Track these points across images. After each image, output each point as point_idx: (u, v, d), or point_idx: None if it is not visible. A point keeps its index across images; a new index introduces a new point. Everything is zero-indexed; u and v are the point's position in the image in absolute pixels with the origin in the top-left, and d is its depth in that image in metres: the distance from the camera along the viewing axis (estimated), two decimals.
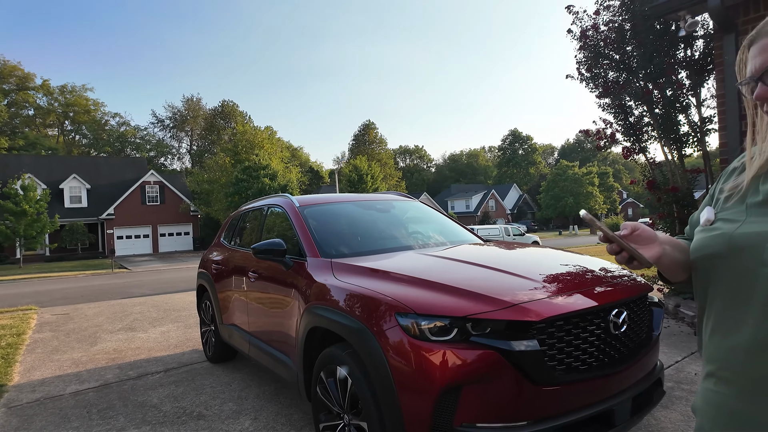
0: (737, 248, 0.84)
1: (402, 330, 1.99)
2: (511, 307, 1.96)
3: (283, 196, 3.73)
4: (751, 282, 0.82)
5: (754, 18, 4.46)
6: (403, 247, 3.12)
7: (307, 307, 2.63)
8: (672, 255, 0.99)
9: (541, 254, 2.97)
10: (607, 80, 6.02)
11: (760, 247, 0.81)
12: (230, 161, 32.99)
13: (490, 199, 58.87)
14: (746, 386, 0.81)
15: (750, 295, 0.82)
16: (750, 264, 0.82)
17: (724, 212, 0.93)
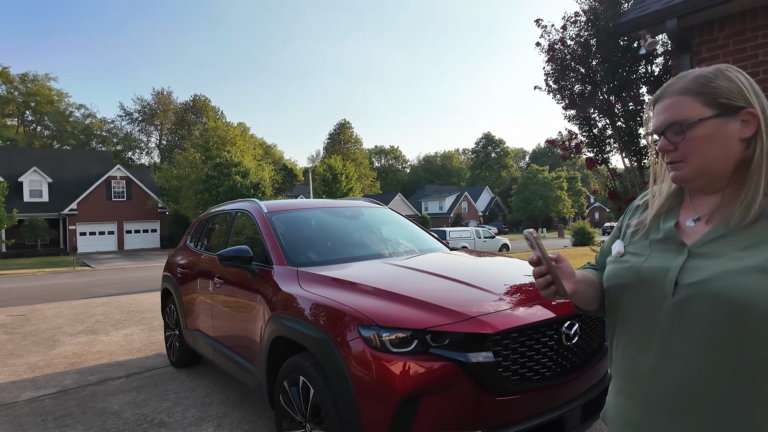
0: (643, 280, 0.96)
1: (364, 341, 2.03)
2: (469, 319, 2.04)
3: (252, 201, 3.72)
4: (654, 311, 0.94)
5: (708, 40, 4.71)
6: (370, 255, 3.16)
7: (272, 315, 2.64)
8: (585, 292, 1.08)
9: (504, 265, 3.07)
10: (573, 92, 6.23)
11: (661, 280, 0.93)
12: (201, 157, 32.32)
13: (463, 201, 59.65)
14: (648, 401, 0.93)
15: (654, 322, 0.93)
16: (654, 294, 0.94)
17: (631, 246, 1.04)
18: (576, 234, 29.43)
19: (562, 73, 6.18)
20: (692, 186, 0.99)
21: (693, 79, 0.95)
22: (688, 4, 4.46)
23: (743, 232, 0.89)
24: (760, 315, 0.81)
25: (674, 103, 0.94)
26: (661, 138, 0.96)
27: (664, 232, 0.99)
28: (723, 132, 0.91)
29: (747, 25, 4.45)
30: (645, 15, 4.80)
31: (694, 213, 0.99)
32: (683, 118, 0.92)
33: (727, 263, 0.86)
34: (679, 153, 0.94)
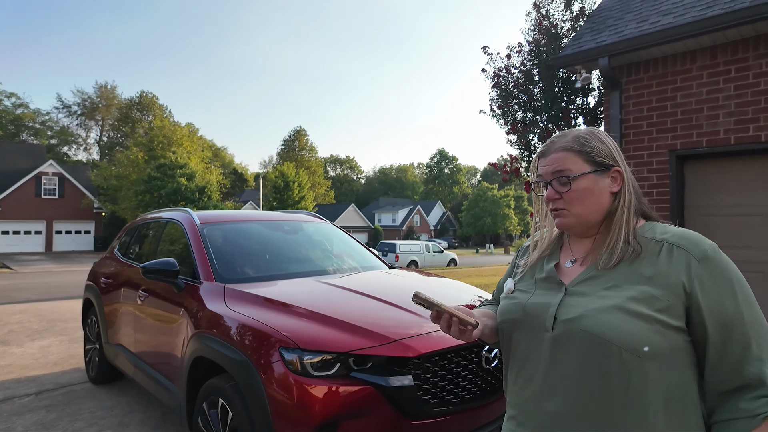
0: (529, 315, 1.06)
1: (285, 365, 2.00)
2: (393, 342, 2.05)
3: (184, 211, 3.58)
4: (538, 344, 1.03)
5: (635, 80, 5.09)
6: (304, 273, 3.12)
7: (195, 334, 2.54)
8: (488, 326, 1.16)
9: (439, 286, 3.13)
10: (515, 119, 6.51)
11: (543, 315, 1.03)
12: (144, 157, 30.83)
13: (415, 215, 60.42)
14: (536, 428, 1.01)
15: (539, 355, 1.02)
16: (538, 329, 1.03)
17: (520, 283, 1.15)
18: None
19: (506, 99, 6.45)
20: (572, 231, 1.10)
21: (573, 138, 1.07)
22: (617, 45, 4.80)
23: (608, 274, 1.00)
24: (618, 348, 0.90)
25: (560, 157, 1.06)
26: (547, 188, 1.07)
27: (546, 271, 1.10)
28: (598, 186, 1.04)
29: (668, 69, 4.85)
30: (580, 51, 5.11)
31: (572, 255, 1.10)
32: (569, 170, 1.05)
33: (594, 301, 0.97)
34: (563, 202, 1.05)
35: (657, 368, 0.91)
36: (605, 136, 1.09)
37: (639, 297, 0.93)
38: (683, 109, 4.75)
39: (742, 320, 0.91)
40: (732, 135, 4.41)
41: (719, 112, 4.50)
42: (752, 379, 0.89)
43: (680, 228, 1.04)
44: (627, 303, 0.93)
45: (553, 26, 6.16)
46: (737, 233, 4.57)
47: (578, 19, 6.14)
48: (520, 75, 6.42)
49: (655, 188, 4.94)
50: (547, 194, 1.06)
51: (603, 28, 5.38)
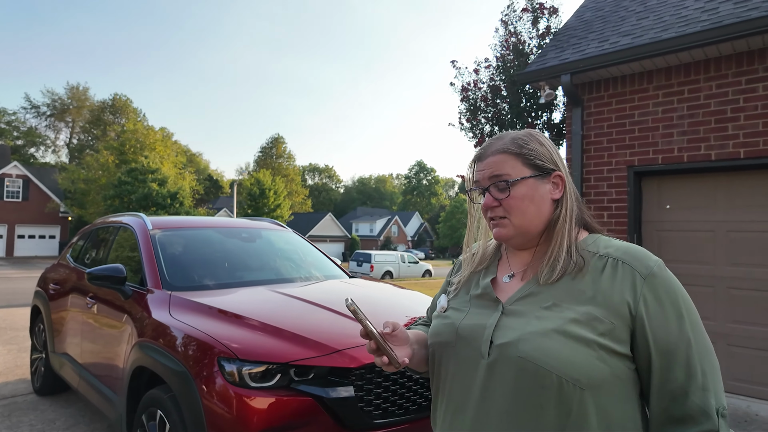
0: (462, 338, 0.94)
1: (222, 376, 1.94)
2: (335, 352, 2.02)
3: (136, 216, 3.49)
4: (472, 370, 0.91)
5: (596, 97, 5.24)
6: (257, 281, 3.07)
7: (137, 343, 2.46)
8: (419, 353, 1.03)
9: (396, 297, 3.11)
10: (483, 132, 6.62)
11: (479, 339, 0.91)
12: (115, 161, 30.07)
13: (393, 225, 60.50)
14: None
15: (471, 383, 0.90)
16: (472, 354, 0.91)
17: (454, 301, 1.04)
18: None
19: (474, 113, 6.56)
20: (511, 243, 1.00)
21: (510, 140, 0.98)
22: (579, 63, 4.94)
23: (549, 290, 0.90)
24: (558, 378, 0.81)
25: (497, 161, 0.96)
26: (485, 194, 0.97)
27: (482, 287, 0.99)
28: (539, 192, 0.95)
29: (627, 88, 5.02)
30: (544, 68, 5.25)
31: (510, 269, 1.00)
32: (507, 175, 0.95)
33: (531, 323, 0.87)
34: (501, 209, 0.95)
35: (599, 399, 0.82)
36: (544, 138, 1.01)
37: (581, 319, 0.84)
38: (640, 127, 4.91)
39: (689, 345, 0.83)
40: (685, 153, 4.58)
41: (673, 131, 4.66)
42: (695, 410, 0.81)
43: (625, 242, 0.95)
44: (568, 326, 0.83)
45: (520, 43, 6.31)
46: (690, 248, 4.72)
47: (544, 36, 6.31)
48: (488, 90, 6.54)
49: (614, 203, 5.07)
50: (485, 202, 0.97)
51: (567, 46, 5.54)
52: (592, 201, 5.21)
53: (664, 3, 5.34)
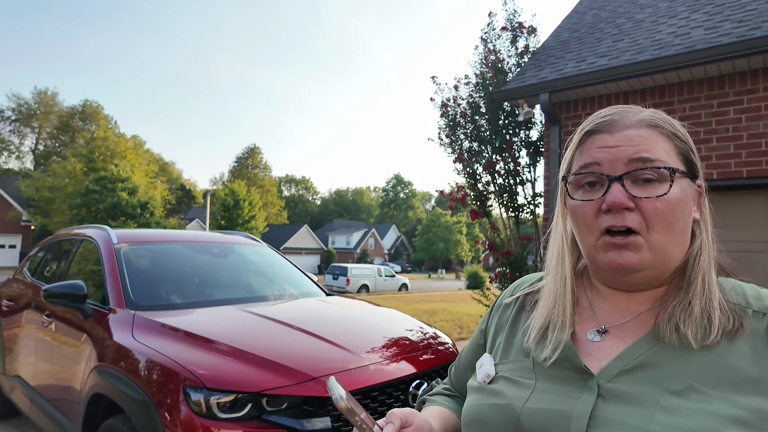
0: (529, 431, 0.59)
1: (188, 405, 1.79)
2: (311, 380, 1.90)
3: (100, 228, 3.29)
4: None
5: (573, 116, 5.31)
6: (228, 300, 2.91)
7: (96, 367, 2.27)
8: None
9: (376, 317, 2.99)
10: (462, 148, 6.62)
11: None
12: (82, 168, 29.08)
13: (370, 238, 60.34)
14: None
15: None
16: None
17: (505, 365, 0.69)
18: (470, 277, 31.03)
19: (453, 129, 6.56)
20: (633, 279, 0.63)
21: (654, 115, 0.65)
22: (557, 82, 5.01)
23: (678, 361, 0.56)
24: None
25: (645, 136, 0.61)
26: (609, 188, 0.60)
27: (554, 347, 0.64)
28: (689, 202, 0.63)
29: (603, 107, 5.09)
30: (523, 86, 5.29)
31: (596, 320, 0.66)
32: (661, 161, 0.60)
33: (657, 419, 0.52)
34: (638, 217, 0.59)
35: None
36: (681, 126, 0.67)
37: (748, 419, 0.50)
38: None
39: None
40: None
41: None
42: None
43: None
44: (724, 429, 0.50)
45: (499, 61, 6.37)
46: None
47: (523, 55, 6.40)
48: (467, 106, 6.56)
49: None
50: (613, 199, 0.59)
51: (545, 65, 5.62)
52: None
53: (637, 27, 5.48)
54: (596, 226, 0.62)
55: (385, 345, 2.38)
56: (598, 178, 0.62)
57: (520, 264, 6.26)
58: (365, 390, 1.97)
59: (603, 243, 0.61)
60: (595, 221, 0.62)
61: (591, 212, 0.62)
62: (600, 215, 0.61)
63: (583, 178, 0.64)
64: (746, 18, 4.37)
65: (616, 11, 6.35)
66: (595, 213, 0.62)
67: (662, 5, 5.76)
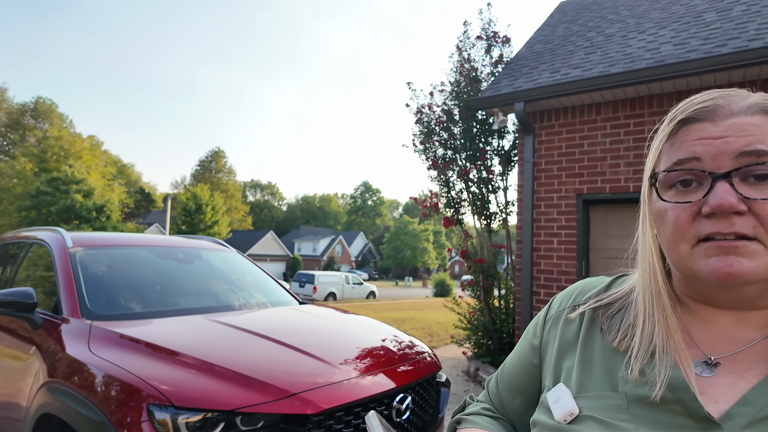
0: None
1: (152, 426, 1.61)
2: (290, 396, 1.75)
3: (54, 231, 3.02)
4: None
5: (547, 125, 5.38)
6: (196, 309, 2.71)
7: (45, 383, 2.04)
8: None
9: (347, 326, 2.87)
10: (436, 155, 6.60)
11: None
12: (33, 168, 27.53)
13: (337, 245, 59.82)
14: None
15: None
16: None
17: (587, 400, 0.56)
18: (437, 285, 31.19)
19: (428, 136, 6.53)
20: (748, 292, 0.52)
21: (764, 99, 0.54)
22: (532, 91, 5.05)
23: None
24: None
25: (759, 126, 0.51)
26: (717, 185, 0.50)
27: (659, 383, 0.51)
28: None
29: (576, 118, 5.18)
30: (498, 95, 5.32)
31: (698, 348, 0.55)
32: None
33: None
34: (752, 219, 0.49)
35: None
36: None
37: None
38: (589, 156, 5.07)
39: None
40: (631, 183, 4.75)
41: (620, 161, 4.84)
42: None
43: None
44: None
45: (473, 69, 6.40)
46: None
47: (497, 65, 6.45)
48: (442, 114, 6.56)
49: (563, 230, 5.16)
50: (719, 201, 0.49)
51: (519, 75, 5.67)
52: (543, 227, 5.28)
53: (609, 40, 5.63)
54: (692, 233, 0.51)
55: (366, 356, 2.25)
56: (698, 176, 0.52)
57: (492, 272, 6.27)
58: (348, 406, 1.84)
59: (703, 248, 0.50)
60: (691, 227, 0.52)
61: (686, 217, 0.52)
62: (698, 220, 0.51)
63: (677, 176, 0.54)
64: (712, 36, 4.54)
65: (587, 25, 6.52)
66: (691, 217, 0.52)
67: (631, 21, 5.94)
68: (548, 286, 5.13)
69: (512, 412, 0.73)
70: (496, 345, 6.02)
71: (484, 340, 6.15)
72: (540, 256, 5.23)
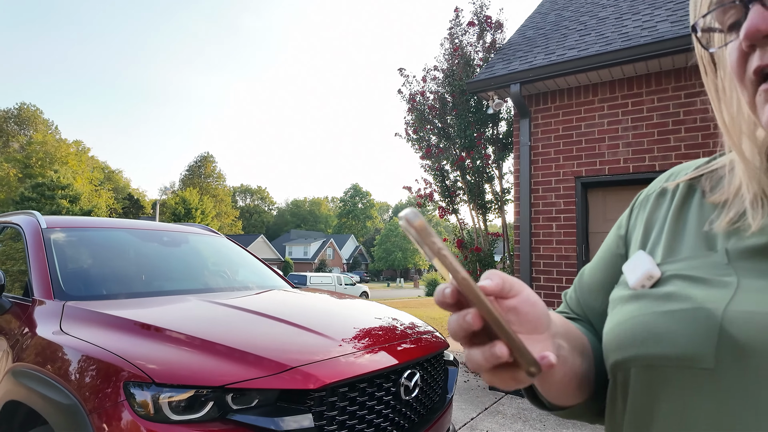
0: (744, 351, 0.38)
1: (130, 407, 1.42)
2: (288, 371, 1.57)
3: (28, 214, 2.81)
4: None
5: (543, 108, 5.26)
6: (182, 291, 2.52)
7: (10, 369, 1.84)
8: (569, 359, 0.50)
9: (344, 306, 2.70)
10: (430, 144, 6.45)
11: None
12: (17, 174, 26.95)
13: (328, 248, 59.48)
14: None
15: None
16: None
17: (675, 264, 0.48)
18: (429, 285, 31.03)
19: (421, 124, 6.39)
20: None
21: None
22: (528, 72, 4.93)
23: None
24: None
25: None
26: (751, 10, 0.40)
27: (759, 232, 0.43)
28: None
29: (573, 100, 5.07)
30: (493, 77, 5.19)
31: None
32: None
33: None
34: None
35: None
36: None
37: None
38: (587, 138, 4.95)
39: None
40: (630, 164, 4.64)
41: (619, 142, 4.73)
42: None
43: None
44: None
45: (466, 55, 6.27)
46: None
47: (490, 50, 6.33)
48: (435, 101, 6.42)
49: (562, 213, 5.04)
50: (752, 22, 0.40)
51: (513, 59, 5.55)
52: (541, 212, 5.15)
53: (602, 23, 5.53)
54: (746, 78, 0.43)
55: (369, 333, 2.08)
56: (732, 6, 0.43)
57: (489, 261, 6.13)
58: (352, 381, 1.67)
59: (762, 92, 0.41)
60: (743, 70, 0.43)
61: (736, 59, 0.43)
62: (748, 58, 0.42)
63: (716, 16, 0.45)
64: None
65: (579, 11, 6.43)
66: (742, 58, 0.42)
67: (624, 4, 5.86)
68: (548, 272, 5.00)
69: (592, 311, 0.61)
70: None
71: None
72: (539, 242, 5.09)
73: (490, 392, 4.84)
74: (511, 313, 0.41)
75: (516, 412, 4.16)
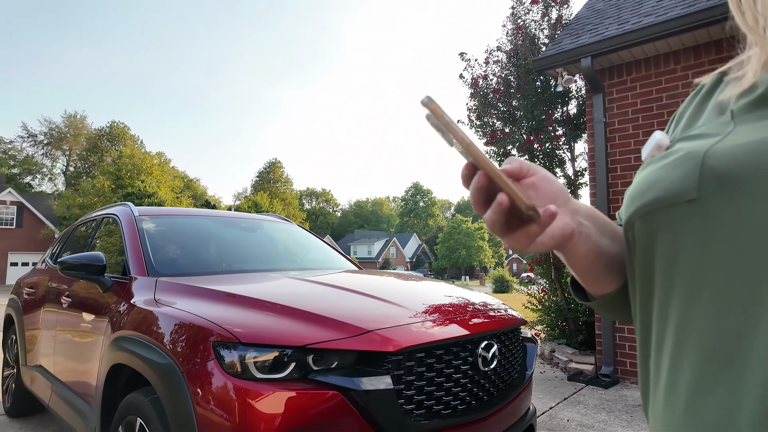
0: (724, 178, 0.40)
1: (219, 366, 1.49)
2: (365, 334, 1.58)
3: (123, 204, 3.07)
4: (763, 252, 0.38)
5: (618, 82, 4.92)
6: (262, 269, 2.63)
7: (114, 337, 2.01)
8: (593, 237, 0.52)
9: (418, 283, 2.68)
10: (494, 129, 6.27)
11: None
12: (110, 185, 29.72)
13: (391, 247, 59.99)
14: None
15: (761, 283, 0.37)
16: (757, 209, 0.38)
17: (688, 130, 0.51)
18: (496, 281, 30.25)
19: (485, 109, 6.22)
20: None
21: None
22: (600, 44, 4.63)
23: None
24: None
25: None
26: None
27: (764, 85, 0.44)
28: None
29: (651, 70, 4.70)
30: (562, 52, 4.94)
31: None
32: None
33: None
34: None
35: None
36: None
37: None
38: (669, 110, 4.57)
39: None
40: None
41: None
42: None
43: None
44: None
45: (530, 35, 6.03)
46: None
47: (555, 27, 6.04)
48: (498, 84, 6.23)
49: None
50: None
51: (582, 32, 5.25)
52: (620, 192, 4.83)
53: None
54: None
55: (444, 306, 2.05)
56: None
57: None
58: (429, 347, 1.64)
59: None
60: None
61: None
62: None
63: None
64: None
65: None
66: None
67: None
68: None
69: None
70: (572, 326, 5.59)
71: (559, 322, 5.73)
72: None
73: (569, 383, 4.61)
74: (530, 189, 0.48)
75: (598, 402, 3.92)
